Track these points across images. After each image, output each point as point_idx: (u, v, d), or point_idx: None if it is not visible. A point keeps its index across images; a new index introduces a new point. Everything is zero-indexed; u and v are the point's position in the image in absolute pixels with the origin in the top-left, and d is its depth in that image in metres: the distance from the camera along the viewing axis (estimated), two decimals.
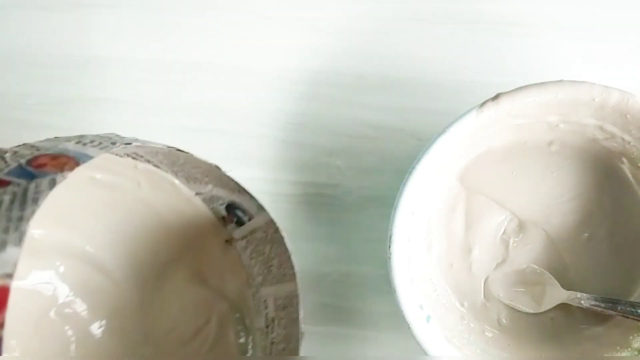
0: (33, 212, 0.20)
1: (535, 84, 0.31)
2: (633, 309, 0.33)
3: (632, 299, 0.35)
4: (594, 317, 0.36)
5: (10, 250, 0.18)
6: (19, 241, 0.19)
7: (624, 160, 0.35)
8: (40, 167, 0.22)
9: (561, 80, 0.31)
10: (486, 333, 0.36)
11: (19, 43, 0.41)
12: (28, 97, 0.41)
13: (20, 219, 0.19)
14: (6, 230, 0.19)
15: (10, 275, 0.18)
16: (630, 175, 0.35)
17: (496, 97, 0.31)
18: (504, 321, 0.37)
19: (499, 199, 0.37)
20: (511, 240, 0.37)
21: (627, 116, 0.31)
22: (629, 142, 0.33)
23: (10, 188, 0.21)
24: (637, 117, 0.31)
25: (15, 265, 0.18)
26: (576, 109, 0.32)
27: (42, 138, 0.38)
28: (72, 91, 0.41)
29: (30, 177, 0.22)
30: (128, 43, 0.41)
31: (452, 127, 0.31)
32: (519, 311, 0.37)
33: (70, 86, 0.41)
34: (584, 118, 0.33)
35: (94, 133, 0.28)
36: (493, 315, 0.37)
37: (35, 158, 0.23)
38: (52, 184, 0.21)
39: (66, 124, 0.41)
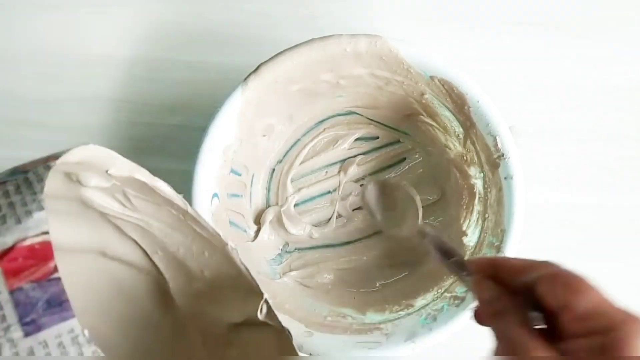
0: (42, 188, 0.21)
1: (288, 49, 0.32)
2: (459, 269, 0.26)
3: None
4: None
5: (37, 215, 0.20)
6: (41, 207, 0.21)
7: (411, 100, 0.36)
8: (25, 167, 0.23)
9: (311, 39, 0.32)
10: None
11: (19, 43, 0.41)
12: (28, 97, 0.41)
13: (34, 193, 0.21)
14: (24, 204, 0.21)
15: (47, 233, 0.20)
16: (419, 109, 0.37)
17: (256, 69, 0.32)
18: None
19: None
20: None
21: (383, 58, 0.32)
22: (403, 83, 0.34)
23: (9, 183, 0.22)
24: (391, 56, 0.32)
25: (46, 222, 0.20)
26: (340, 62, 0.33)
27: (42, 137, 0.40)
28: (71, 91, 0.41)
29: (23, 172, 0.22)
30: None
31: (222, 108, 0.32)
32: None
33: (70, 86, 0.41)
34: (355, 69, 0.34)
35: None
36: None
37: (23, 165, 0.23)
38: (47, 168, 0.22)
39: (66, 123, 0.41)
